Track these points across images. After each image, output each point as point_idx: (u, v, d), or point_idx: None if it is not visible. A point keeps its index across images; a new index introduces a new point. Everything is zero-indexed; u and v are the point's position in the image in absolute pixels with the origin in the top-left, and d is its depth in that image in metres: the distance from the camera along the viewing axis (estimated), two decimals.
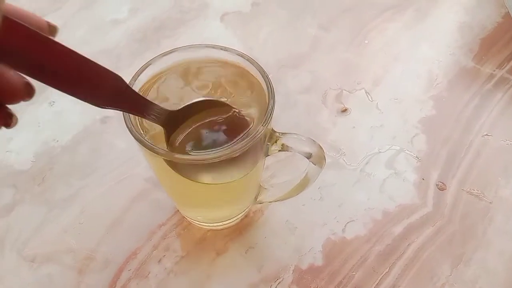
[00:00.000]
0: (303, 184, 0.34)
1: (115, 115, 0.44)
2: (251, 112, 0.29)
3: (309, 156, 0.30)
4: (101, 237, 0.38)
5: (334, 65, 0.50)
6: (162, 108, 0.27)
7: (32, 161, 0.42)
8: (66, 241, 0.38)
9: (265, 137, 0.29)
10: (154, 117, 0.26)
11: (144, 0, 0.55)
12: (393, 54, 0.51)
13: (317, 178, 0.33)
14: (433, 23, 0.54)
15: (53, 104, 0.46)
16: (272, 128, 0.30)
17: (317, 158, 0.31)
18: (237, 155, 0.27)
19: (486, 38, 0.52)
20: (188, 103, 0.28)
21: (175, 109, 0.28)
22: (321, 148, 0.30)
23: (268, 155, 0.31)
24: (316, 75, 0.48)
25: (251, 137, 0.27)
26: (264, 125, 0.27)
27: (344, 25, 0.53)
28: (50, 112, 0.45)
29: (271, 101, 0.28)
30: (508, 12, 0.54)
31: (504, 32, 0.52)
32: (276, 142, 0.30)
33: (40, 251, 0.37)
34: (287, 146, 0.30)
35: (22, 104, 0.45)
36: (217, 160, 0.27)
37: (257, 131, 0.27)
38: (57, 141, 0.43)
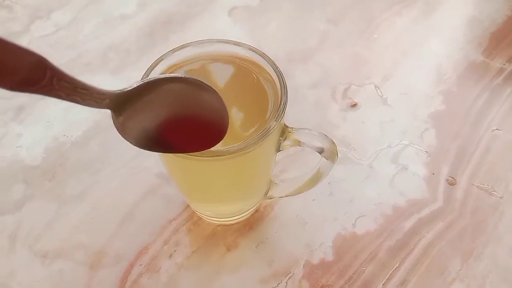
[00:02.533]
0: (315, 179, 0.34)
1: None
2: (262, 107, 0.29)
3: (321, 151, 0.30)
4: (112, 232, 0.38)
5: (343, 60, 0.49)
6: (103, 92, 0.23)
7: (42, 157, 0.42)
8: (78, 237, 0.38)
9: (278, 133, 0.29)
10: (94, 102, 0.23)
11: None
12: (402, 48, 0.50)
13: (329, 174, 0.33)
14: (442, 17, 0.54)
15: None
16: (284, 123, 0.30)
17: (330, 153, 0.31)
18: (250, 151, 0.27)
19: (495, 32, 0.52)
20: (144, 81, 0.23)
21: None
22: (334, 143, 0.30)
23: (280, 150, 0.31)
24: (325, 69, 0.48)
25: (265, 133, 0.27)
26: (277, 120, 0.27)
27: (352, 19, 0.53)
28: (60, 108, 0.45)
29: (284, 96, 0.28)
30: None
31: None
32: (288, 137, 0.30)
33: (51, 246, 0.37)
34: (299, 141, 0.30)
35: (31, 99, 0.45)
36: (229, 156, 0.27)
37: (271, 127, 0.27)
38: (67, 136, 0.43)
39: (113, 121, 0.24)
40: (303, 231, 0.38)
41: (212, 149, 0.27)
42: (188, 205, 0.39)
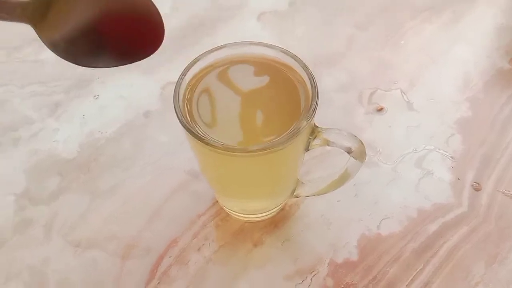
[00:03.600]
0: (342, 179, 0.34)
1: (158, 110, 0.46)
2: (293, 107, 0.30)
3: (350, 151, 0.31)
4: (143, 226, 0.39)
5: (370, 64, 0.50)
6: (12, 1, 0.20)
7: (78, 151, 0.44)
8: (110, 229, 0.39)
9: (308, 132, 0.30)
10: (5, 14, 0.20)
11: None
12: (429, 55, 0.51)
13: (354, 176, 0.33)
14: (470, 25, 0.54)
15: (97, 97, 0.48)
16: (314, 123, 0.31)
17: (358, 153, 0.31)
18: (281, 149, 0.28)
19: None
20: None
21: None
22: (362, 143, 0.31)
23: (309, 149, 0.32)
24: (352, 73, 0.49)
25: (295, 132, 0.28)
26: (308, 120, 0.28)
27: (380, 25, 0.54)
28: (95, 105, 0.47)
29: (315, 97, 0.29)
30: None
31: None
32: (317, 136, 0.31)
33: (84, 237, 0.39)
34: (328, 140, 0.31)
35: (67, 96, 0.47)
36: (261, 153, 0.28)
37: (301, 126, 0.28)
38: (102, 133, 0.45)
39: (39, 37, 0.21)
40: (328, 231, 0.39)
41: (245, 146, 0.28)
42: (216, 201, 0.40)
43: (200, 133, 0.28)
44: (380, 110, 0.46)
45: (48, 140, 0.45)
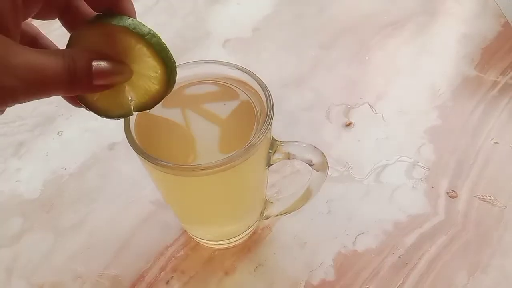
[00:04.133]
0: (308, 193, 0.33)
1: (122, 141, 0.45)
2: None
3: (311, 163, 0.30)
4: (109, 261, 0.37)
5: (336, 82, 0.50)
6: None
7: (41, 190, 0.42)
8: (74, 267, 0.37)
9: (266, 146, 0.29)
10: None
11: None
12: (395, 68, 0.51)
13: (325, 191, 0.32)
14: (433, 36, 0.54)
15: (61, 134, 0.46)
16: (272, 137, 0.30)
17: (320, 165, 0.30)
18: (238, 164, 0.27)
19: (487, 47, 0.52)
20: None
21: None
22: (323, 155, 0.30)
23: (271, 164, 0.31)
24: (319, 92, 0.49)
25: (251, 145, 0.27)
26: (263, 133, 0.27)
27: (344, 44, 0.54)
28: (58, 141, 0.46)
29: (270, 109, 0.28)
30: (507, 20, 0.54)
31: (505, 40, 0.52)
32: (278, 150, 0.30)
33: (48, 278, 0.37)
34: (289, 153, 0.30)
35: (31, 135, 0.46)
36: (218, 170, 0.26)
37: (257, 139, 0.27)
38: (65, 169, 0.44)
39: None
40: (302, 251, 0.37)
41: (200, 163, 0.27)
42: (185, 231, 0.39)
43: (152, 155, 0.27)
44: (348, 125, 0.45)
45: (10, 181, 0.43)
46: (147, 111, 0.26)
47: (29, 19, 0.23)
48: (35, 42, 0.24)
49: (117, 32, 0.22)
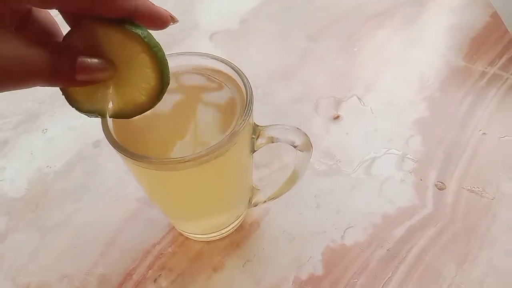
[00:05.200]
0: (294, 176, 0.33)
1: None
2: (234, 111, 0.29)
3: (295, 144, 0.30)
4: (96, 259, 0.37)
5: (325, 75, 0.49)
6: None
7: (26, 189, 0.42)
8: (60, 266, 0.37)
9: (249, 132, 0.29)
10: None
11: None
12: (384, 59, 0.51)
13: (313, 185, 0.32)
14: (422, 26, 0.54)
15: (45, 131, 0.46)
16: (254, 123, 0.29)
17: (304, 145, 0.30)
18: (223, 153, 0.27)
19: (475, 37, 0.52)
20: None
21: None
22: (306, 135, 0.30)
23: (255, 150, 0.31)
24: (307, 85, 0.48)
25: (234, 132, 0.26)
26: (244, 118, 0.27)
27: (332, 35, 0.53)
28: (43, 139, 0.45)
29: (249, 95, 0.28)
30: (496, 11, 0.54)
31: (493, 30, 0.52)
32: (261, 135, 0.30)
33: (34, 278, 0.36)
34: (272, 137, 0.30)
35: (15, 133, 0.45)
36: (203, 161, 0.26)
37: (239, 126, 0.27)
38: (50, 167, 0.43)
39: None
40: (291, 246, 0.37)
41: (185, 155, 0.26)
42: (173, 227, 0.38)
43: (132, 151, 0.27)
44: (336, 118, 0.45)
45: None
46: None
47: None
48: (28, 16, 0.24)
49: (125, 36, 0.22)
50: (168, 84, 0.24)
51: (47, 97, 0.48)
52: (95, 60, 0.22)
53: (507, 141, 0.42)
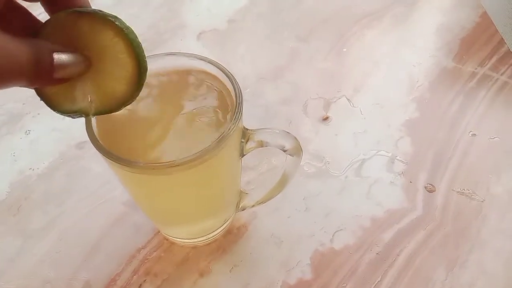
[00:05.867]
0: (284, 180, 0.33)
1: None
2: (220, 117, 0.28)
3: (285, 149, 0.30)
4: (79, 265, 0.36)
5: (314, 75, 0.49)
6: None
7: (7, 192, 0.41)
8: (43, 272, 0.36)
9: (238, 136, 0.28)
10: None
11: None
12: (373, 60, 0.50)
13: (302, 188, 0.31)
14: (411, 27, 0.54)
15: (28, 133, 0.45)
16: (244, 126, 0.29)
17: (294, 149, 0.30)
18: (211, 157, 0.26)
19: (465, 38, 0.51)
20: None
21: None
22: (296, 139, 0.30)
23: (244, 154, 0.30)
24: (296, 86, 0.48)
25: (223, 136, 0.26)
26: (234, 122, 0.26)
27: (321, 35, 0.53)
28: (26, 141, 0.44)
29: (239, 98, 0.27)
30: (486, 11, 0.54)
31: (483, 31, 0.52)
32: (250, 138, 0.29)
33: (15, 283, 0.35)
34: (262, 141, 0.29)
35: None
36: (192, 165, 0.25)
37: (229, 129, 0.26)
38: (33, 169, 0.42)
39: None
40: (279, 250, 0.36)
41: (173, 160, 0.25)
42: (158, 232, 0.37)
43: (118, 155, 0.26)
44: (325, 119, 0.44)
45: None
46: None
47: None
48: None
49: (95, 23, 0.21)
50: (146, 69, 0.23)
51: (30, 97, 0.47)
52: (70, 55, 0.21)
53: (497, 143, 0.42)
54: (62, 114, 0.24)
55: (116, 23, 0.21)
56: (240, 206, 0.36)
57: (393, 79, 0.48)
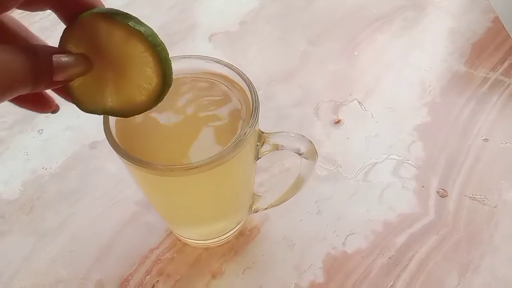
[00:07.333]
0: (298, 183, 0.33)
1: (104, 140, 0.43)
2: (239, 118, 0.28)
3: (300, 152, 0.30)
4: (92, 264, 0.36)
5: (325, 78, 0.49)
6: None
7: (20, 191, 0.41)
8: (56, 271, 0.36)
9: (254, 139, 0.28)
10: None
11: None
12: (384, 63, 0.50)
13: (314, 191, 0.31)
14: (422, 31, 0.54)
15: (41, 132, 0.45)
16: (259, 129, 0.29)
17: (309, 153, 0.30)
18: (228, 160, 0.26)
19: (477, 42, 0.51)
20: None
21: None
22: (312, 143, 0.30)
23: (259, 157, 0.30)
24: (307, 88, 0.48)
25: (240, 139, 0.26)
26: (251, 126, 0.26)
27: (333, 38, 0.53)
28: (39, 140, 0.44)
29: (255, 102, 0.27)
30: (497, 16, 0.54)
31: (494, 36, 0.52)
32: (266, 141, 0.29)
33: (28, 283, 0.36)
34: (277, 144, 0.29)
35: (10, 133, 0.45)
36: (208, 168, 0.25)
37: (246, 133, 0.26)
38: (46, 169, 0.42)
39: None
40: (291, 253, 0.37)
41: (189, 163, 0.26)
42: (171, 232, 0.38)
43: (137, 157, 0.26)
44: (337, 122, 0.44)
45: None
46: None
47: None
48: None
49: (127, 33, 0.21)
50: (170, 86, 0.23)
51: None
52: (70, 57, 0.21)
53: (509, 148, 0.42)
54: (84, 112, 0.24)
55: (149, 38, 0.21)
56: (253, 209, 0.36)
57: (405, 83, 0.48)
